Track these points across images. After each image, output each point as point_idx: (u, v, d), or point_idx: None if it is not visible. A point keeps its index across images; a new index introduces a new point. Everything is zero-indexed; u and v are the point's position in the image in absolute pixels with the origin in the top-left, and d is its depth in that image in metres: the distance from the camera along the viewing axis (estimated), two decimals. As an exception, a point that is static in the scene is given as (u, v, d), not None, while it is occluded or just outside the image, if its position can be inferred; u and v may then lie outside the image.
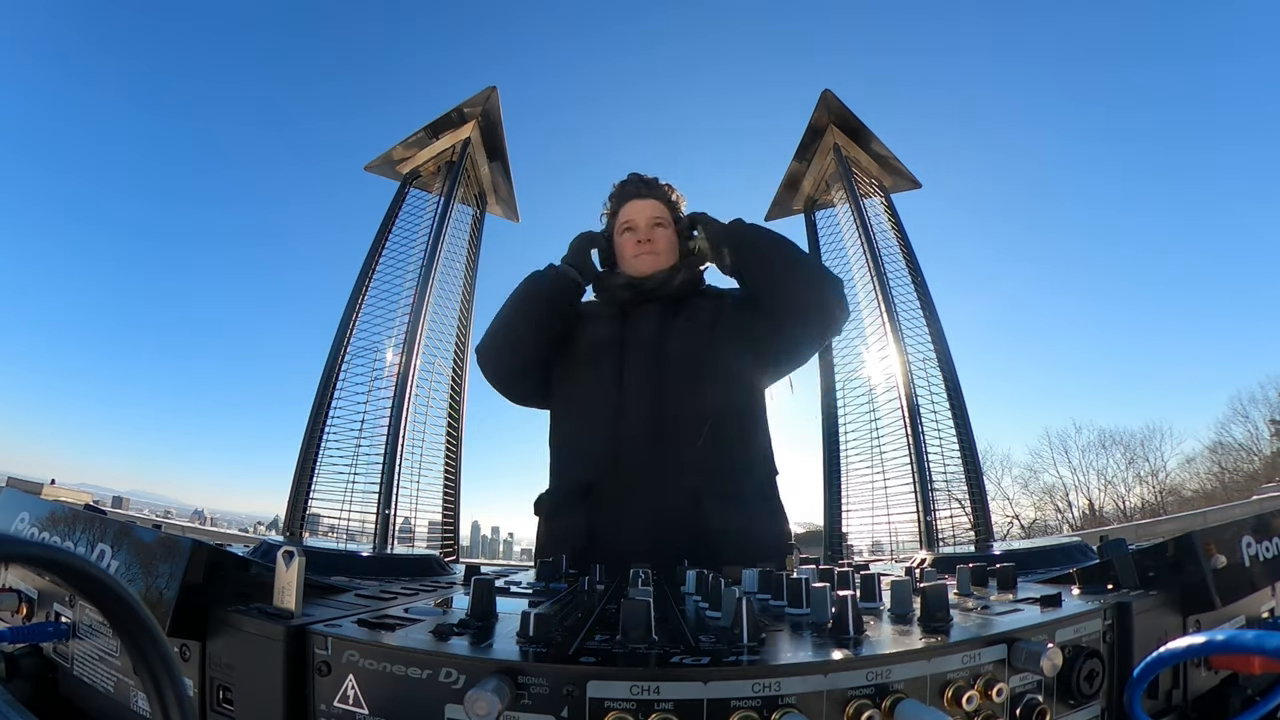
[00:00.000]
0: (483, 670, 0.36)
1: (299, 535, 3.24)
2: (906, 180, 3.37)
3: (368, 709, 0.39)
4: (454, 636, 0.40)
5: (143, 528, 0.52)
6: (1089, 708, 0.45)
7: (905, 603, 0.47)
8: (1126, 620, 0.49)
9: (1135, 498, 19.78)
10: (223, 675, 0.45)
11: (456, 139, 3.53)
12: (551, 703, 0.35)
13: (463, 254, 4.01)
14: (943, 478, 3.29)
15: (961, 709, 0.38)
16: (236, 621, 0.45)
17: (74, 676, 0.54)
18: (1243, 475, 17.74)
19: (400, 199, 3.68)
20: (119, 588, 0.25)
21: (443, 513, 3.85)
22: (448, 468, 3.75)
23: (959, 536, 3.18)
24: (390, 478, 3.38)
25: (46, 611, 0.57)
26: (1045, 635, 0.44)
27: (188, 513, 24.32)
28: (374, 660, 0.39)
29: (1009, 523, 19.31)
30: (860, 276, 3.51)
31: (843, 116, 3.09)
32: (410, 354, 3.48)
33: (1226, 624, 0.57)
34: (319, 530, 3.44)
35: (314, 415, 3.48)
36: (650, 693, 0.34)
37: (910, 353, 3.37)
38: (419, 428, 3.56)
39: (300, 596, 0.45)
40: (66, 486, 12.82)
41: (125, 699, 0.49)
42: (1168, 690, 0.51)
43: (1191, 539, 0.56)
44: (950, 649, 0.39)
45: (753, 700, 0.34)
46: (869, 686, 0.36)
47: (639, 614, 0.40)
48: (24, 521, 0.60)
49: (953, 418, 3.29)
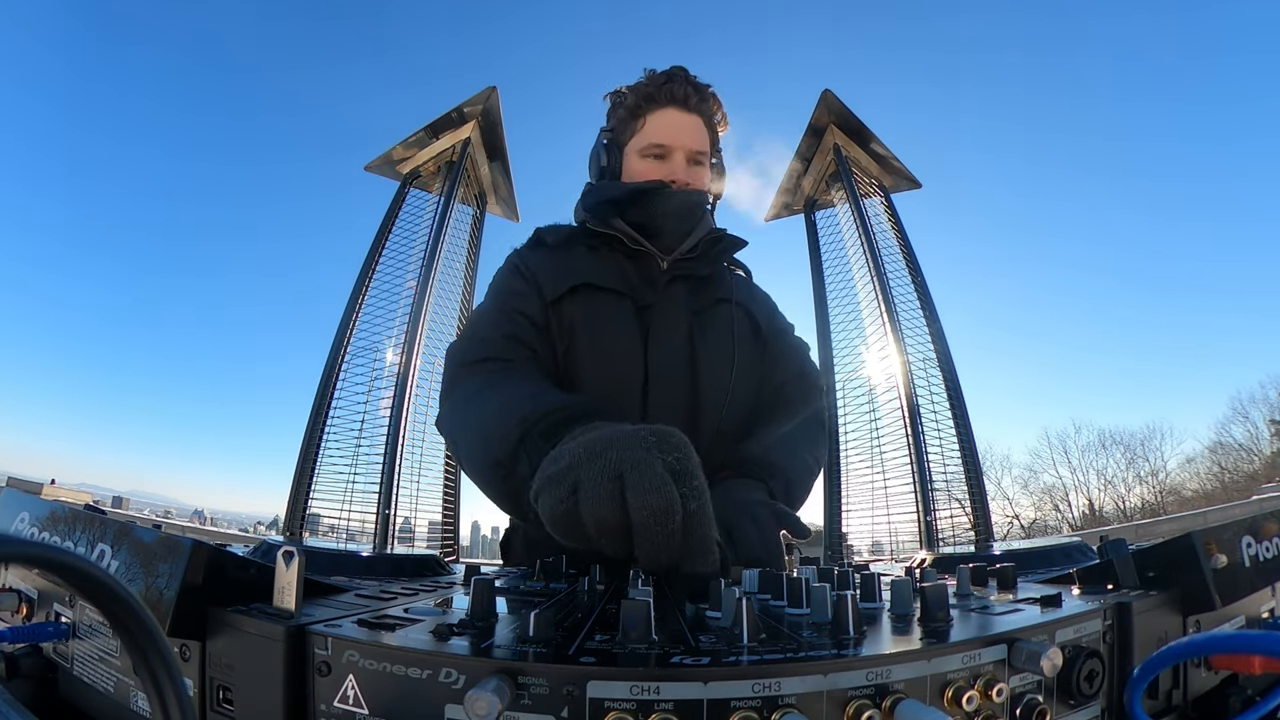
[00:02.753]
0: (483, 670, 0.36)
1: (299, 535, 3.25)
2: (906, 180, 3.37)
3: (368, 709, 0.39)
4: (454, 637, 0.40)
5: (143, 528, 0.52)
6: (1089, 708, 0.45)
7: (905, 603, 0.47)
8: (1126, 620, 0.49)
9: (1135, 498, 19.80)
10: (223, 675, 0.45)
11: (456, 139, 3.53)
12: (551, 703, 0.35)
13: (463, 254, 4.01)
14: (943, 478, 3.30)
15: (961, 709, 0.38)
16: (236, 621, 0.45)
17: (74, 676, 0.54)
18: (1243, 475, 17.76)
19: (400, 199, 3.68)
20: (119, 588, 0.25)
21: (443, 513, 3.86)
22: (448, 468, 3.76)
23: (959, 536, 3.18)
24: (390, 478, 3.39)
25: (46, 611, 0.57)
26: (1045, 635, 0.44)
27: (188, 513, 24.34)
28: (374, 660, 0.39)
29: (1009, 523, 19.32)
30: (860, 276, 3.52)
31: (843, 116, 3.09)
32: (410, 354, 3.49)
33: (1226, 624, 0.57)
34: (319, 530, 3.45)
35: (314, 415, 3.48)
36: (650, 693, 0.34)
37: (910, 353, 3.38)
38: (419, 428, 3.57)
39: (300, 596, 0.45)
40: (66, 486, 12.84)
41: (125, 699, 0.49)
42: (1168, 690, 0.51)
43: (1191, 539, 0.56)
44: (950, 649, 0.39)
45: (753, 700, 0.34)
46: (869, 686, 0.36)
47: (639, 614, 0.40)
48: (24, 521, 0.60)
49: (953, 418, 3.30)
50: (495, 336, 0.98)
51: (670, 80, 1.08)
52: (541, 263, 1.08)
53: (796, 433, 1.05)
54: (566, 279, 1.03)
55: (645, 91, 1.08)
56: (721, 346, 1.05)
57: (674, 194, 1.05)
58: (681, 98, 1.07)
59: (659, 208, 1.05)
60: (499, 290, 1.08)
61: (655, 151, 1.07)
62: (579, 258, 1.08)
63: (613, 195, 1.07)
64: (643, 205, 1.05)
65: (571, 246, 1.10)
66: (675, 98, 1.07)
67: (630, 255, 1.09)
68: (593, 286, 1.03)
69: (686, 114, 1.08)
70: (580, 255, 1.08)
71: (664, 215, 1.06)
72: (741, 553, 0.79)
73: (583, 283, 1.03)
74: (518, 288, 1.06)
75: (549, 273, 1.05)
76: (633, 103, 1.09)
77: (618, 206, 1.07)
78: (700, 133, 1.09)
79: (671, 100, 1.07)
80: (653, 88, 1.08)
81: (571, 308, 1.02)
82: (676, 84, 1.07)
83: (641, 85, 1.10)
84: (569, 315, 1.02)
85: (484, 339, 0.99)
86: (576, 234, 1.12)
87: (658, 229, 1.07)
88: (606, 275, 1.05)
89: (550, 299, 1.02)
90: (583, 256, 1.08)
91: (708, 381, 1.02)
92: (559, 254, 1.09)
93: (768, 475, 0.93)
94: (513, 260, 1.12)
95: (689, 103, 1.08)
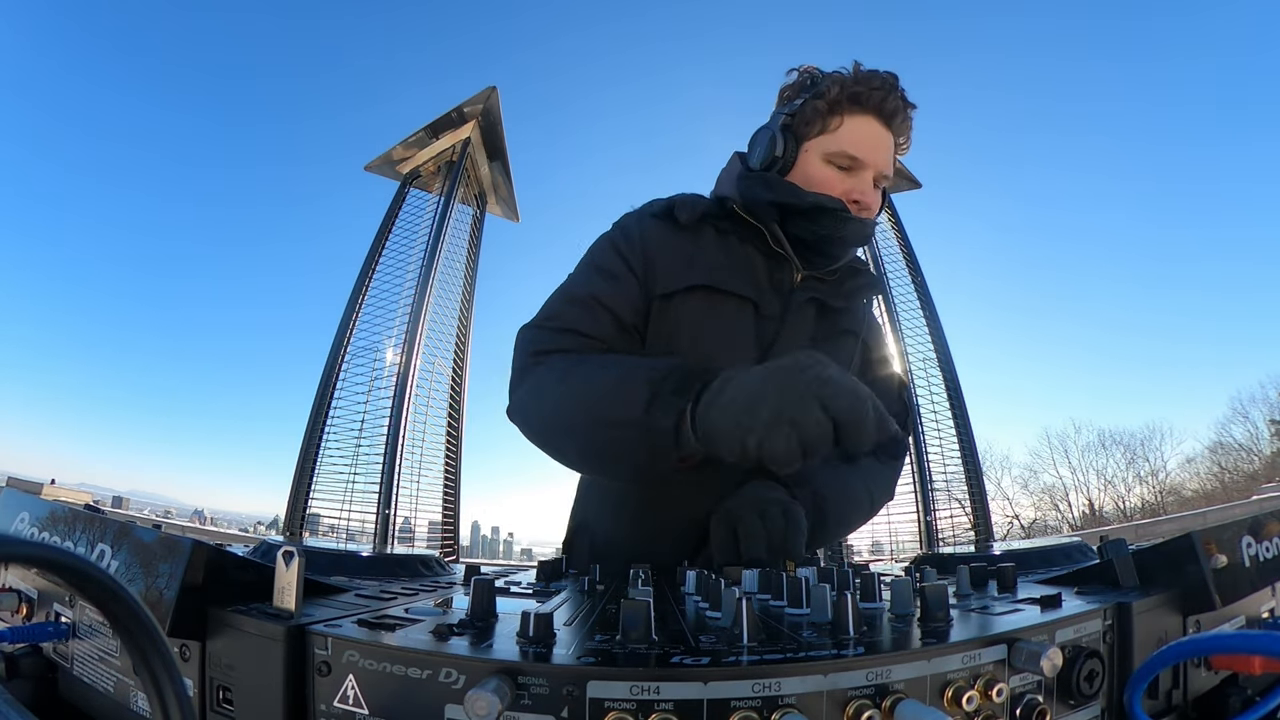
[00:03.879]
0: (483, 670, 0.36)
1: (299, 535, 3.25)
2: (907, 180, 3.37)
3: (368, 709, 0.39)
4: (454, 636, 0.40)
5: (143, 528, 0.52)
6: (1089, 708, 0.45)
7: (905, 603, 0.47)
8: (1126, 620, 0.49)
9: (1135, 498, 19.82)
10: (223, 675, 0.45)
11: (456, 139, 3.53)
12: (551, 703, 0.35)
13: (463, 254, 4.02)
14: (943, 478, 3.31)
15: (961, 709, 0.38)
16: (236, 621, 0.45)
17: (74, 676, 0.54)
18: (1243, 475, 17.77)
19: (400, 199, 3.68)
20: (119, 588, 0.25)
21: (443, 513, 3.86)
22: (448, 468, 3.77)
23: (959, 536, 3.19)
24: (390, 478, 3.40)
25: (46, 611, 0.57)
26: (1045, 635, 0.44)
27: (188, 513, 24.33)
28: (374, 660, 0.39)
29: (1009, 523, 19.33)
30: (860, 276, 3.49)
31: (843, 116, 3.09)
32: (410, 354, 3.50)
33: (1226, 624, 0.57)
34: (319, 530, 3.45)
35: (314, 415, 3.49)
36: (650, 693, 0.34)
37: (910, 353, 3.38)
38: (419, 428, 3.58)
39: (300, 596, 0.45)
40: (66, 486, 12.85)
41: (125, 699, 0.49)
42: (1168, 690, 0.51)
43: (1191, 539, 0.56)
44: (950, 649, 0.39)
45: (753, 700, 0.34)
46: (869, 687, 0.36)
47: (639, 614, 0.40)
48: (24, 521, 0.60)
49: (953, 418, 3.31)
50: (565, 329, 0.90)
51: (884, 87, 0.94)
52: (662, 243, 0.96)
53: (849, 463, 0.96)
54: (687, 275, 0.93)
55: (853, 90, 0.94)
56: None
57: (851, 220, 0.93)
58: (890, 111, 0.94)
59: (832, 231, 0.93)
60: (590, 267, 0.97)
61: (845, 162, 0.94)
62: (706, 245, 0.96)
63: (789, 201, 0.93)
64: (814, 220, 0.93)
65: (701, 227, 0.97)
66: (884, 110, 0.93)
67: (766, 253, 0.98)
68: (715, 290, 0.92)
69: (887, 130, 0.95)
70: (708, 241, 0.96)
71: (833, 240, 0.95)
72: (745, 549, 0.78)
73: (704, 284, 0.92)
74: (614, 269, 0.94)
75: (668, 259, 0.94)
76: (835, 97, 0.94)
77: (781, 209, 0.94)
78: (891, 153, 0.97)
79: (880, 111, 0.94)
80: (862, 88, 0.93)
81: (684, 307, 0.93)
82: (890, 93, 0.93)
83: (848, 80, 0.95)
84: (678, 313, 0.93)
85: (555, 329, 0.91)
86: (711, 214, 0.99)
87: (817, 248, 0.96)
88: (734, 275, 0.94)
89: (661, 292, 0.93)
90: (711, 243, 0.96)
91: None
92: (685, 236, 0.96)
93: (794, 481, 0.86)
94: (622, 231, 0.99)
95: (894, 119, 0.95)
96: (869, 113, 0.94)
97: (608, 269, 0.95)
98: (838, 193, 0.93)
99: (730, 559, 0.79)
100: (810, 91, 0.97)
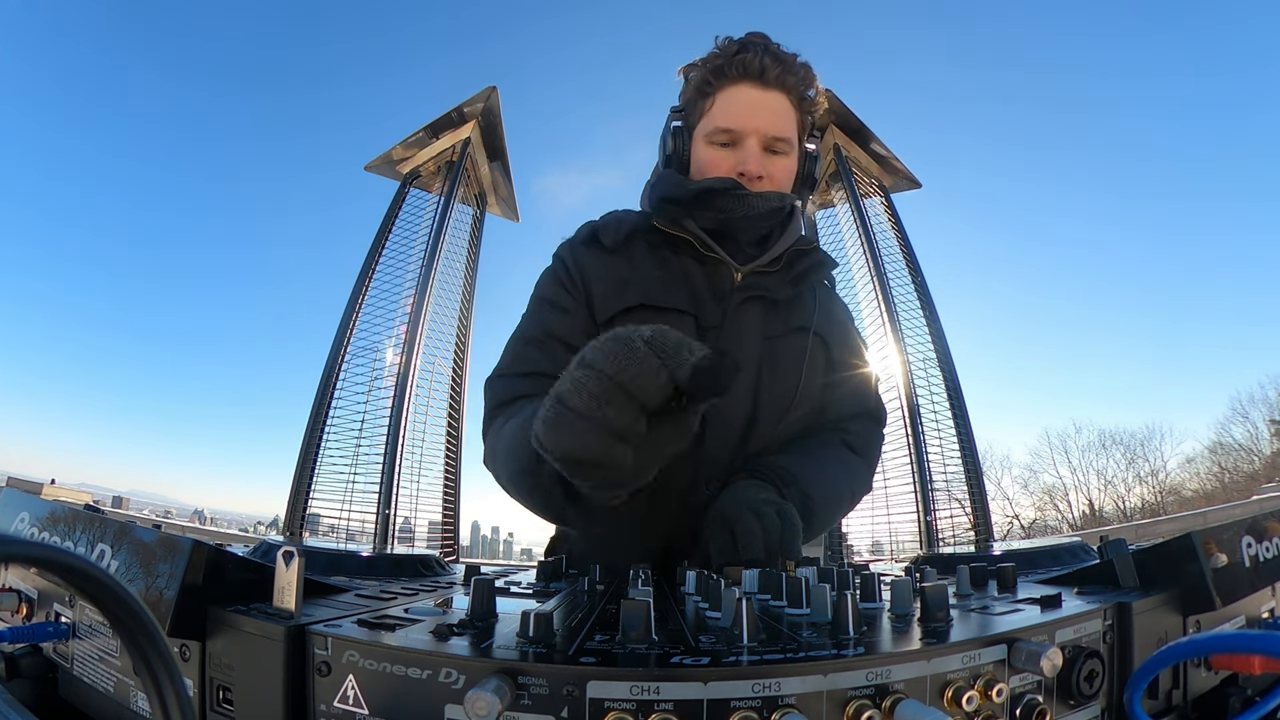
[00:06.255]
0: (483, 670, 0.36)
1: (299, 535, 3.25)
2: (906, 180, 3.37)
3: (368, 709, 0.39)
4: (454, 637, 0.40)
5: (143, 528, 0.52)
6: (1089, 708, 0.45)
7: (905, 603, 0.47)
8: (1126, 620, 0.49)
9: (1135, 498, 19.82)
10: (223, 675, 0.45)
11: (456, 139, 3.53)
12: (551, 703, 0.35)
13: (463, 254, 4.01)
14: (943, 478, 3.30)
15: (961, 709, 0.38)
16: (236, 621, 0.45)
17: (74, 676, 0.54)
18: (1243, 475, 17.77)
19: (400, 199, 3.68)
20: (119, 588, 0.25)
21: (443, 513, 3.86)
22: (448, 468, 3.77)
23: (959, 536, 3.19)
24: (390, 478, 3.39)
25: (46, 611, 0.57)
26: (1045, 635, 0.44)
27: (188, 513, 24.34)
28: (374, 660, 0.39)
29: (1009, 523, 19.32)
30: (860, 276, 3.52)
31: (843, 116, 3.09)
32: (410, 354, 3.49)
33: (1226, 624, 0.57)
34: (319, 530, 3.45)
35: (314, 415, 3.49)
36: (650, 693, 0.34)
37: (910, 353, 3.38)
38: (419, 428, 3.57)
39: (300, 597, 0.45)
40: (66, 486, 12.83)
41: (125, 699, 0.49)
42: (1168, 690, 0.51)
43: (1191, 539, 0.56)
44: (950, 649, 0.39)
45: (753, 700, 0.34)
46: (869, 687, 0.36)
47: (639, 614, 0.40)
48: (24, 521, 0.61)
49: (953, 418, 3.31)
50: (528, 373, 0.88)
51: (744, 49, 0.88)
52: (595, 269, 0.95)
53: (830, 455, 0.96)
54: (621, 297, 0.91)
55: (714, 64, 0.90)
56: (788, 382, 0.93)
57: (749, 196, 0.89)
58: (757, 70, 0.87)
59: (733, 210, 0.89)
60: (540, 303, 0.96)
61: (723, 138, 0.90)
62: (639, 263, 0.94)
63: (675, 195, 0.92)
64: (712, 206, 0.90)
65: (632, 246, 0.96)
66: (749, 71, 0.88)
67: (700, 259, 0.95)
68: (651, 308, 0.90)
69: (763, 90, 0.89)
70: (641, 260, 0.94)
71: (741, 221, 0.90)
72: (744, 550, 0.77)
73: (640, 304, 0.90)
74: (562, 302, 0.94)
75: (602, 284, 0.93)
76: (700, 78, 0.92)
77: (684, 206, 0.92)
78: (781, 114, 0.90)
79: (744, 74, 0.88)
80: (723, 59, 0.89)
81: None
82: (750, 53, 0.87)
83: (712, 57, 0.91)
84: None
85: (517, 375, 0.89)
86: (639, 230, 0.97)
87: (733, 235, 0.93)
88: (668, 290, 0.92)
89: (602, 319, 0.91)
90: (643, 262, 0.94)
91: (767, 419, 0.93)
92: (617, 259, 0.95)
93: (782, 482, 0.86)
94: (560, 262, 0.98)
95: (766, 76, 0.88)
96: (738, 81, 0.89)
97: (556, 302, 0.94)
98: (724, 171, 0.90)
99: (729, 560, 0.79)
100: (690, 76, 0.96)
